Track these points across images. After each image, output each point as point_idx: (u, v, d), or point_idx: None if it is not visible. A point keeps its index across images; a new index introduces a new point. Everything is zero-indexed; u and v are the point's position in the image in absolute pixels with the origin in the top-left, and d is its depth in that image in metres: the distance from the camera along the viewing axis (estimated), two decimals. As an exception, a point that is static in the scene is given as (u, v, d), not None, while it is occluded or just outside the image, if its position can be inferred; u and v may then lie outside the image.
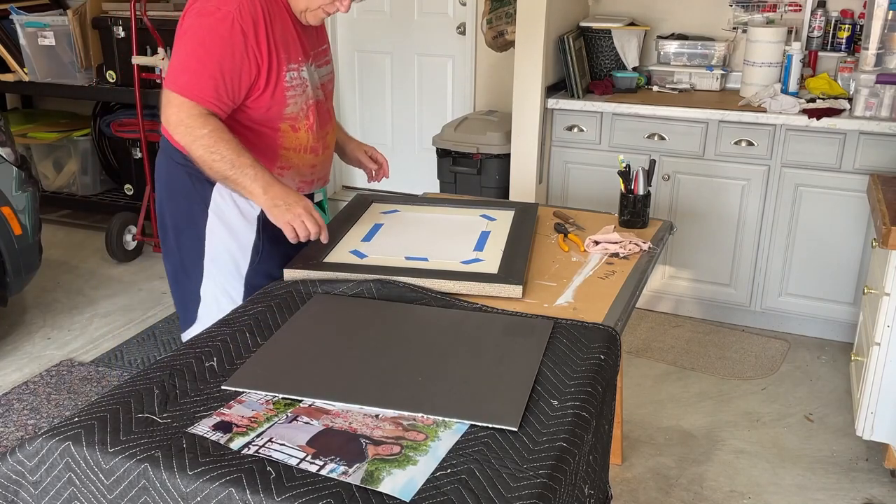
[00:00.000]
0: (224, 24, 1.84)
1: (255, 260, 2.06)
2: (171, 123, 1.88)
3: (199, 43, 1.85)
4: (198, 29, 1.85)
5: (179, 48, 1.88)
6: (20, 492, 1.35)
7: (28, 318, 3.65)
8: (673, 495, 2.52)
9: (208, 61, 1.84)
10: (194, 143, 1.85)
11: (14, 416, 2.89)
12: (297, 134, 2.04)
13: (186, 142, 1.87)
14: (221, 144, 1.85)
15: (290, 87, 1.97)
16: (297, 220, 1.91)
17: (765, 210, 3.38)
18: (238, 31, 1.85)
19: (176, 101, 1.86)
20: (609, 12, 3.87)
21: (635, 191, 2.30)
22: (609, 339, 1.67)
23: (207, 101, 1.86)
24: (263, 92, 1.94)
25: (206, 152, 1.85)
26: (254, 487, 1.20)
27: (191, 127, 1.85)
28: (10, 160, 3.27)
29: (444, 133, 3.97)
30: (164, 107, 1.89)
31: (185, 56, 1.87)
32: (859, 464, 2.68)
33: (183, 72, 1.86)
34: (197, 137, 1.84)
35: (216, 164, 1.86)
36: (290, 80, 1.96)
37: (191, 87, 1.85)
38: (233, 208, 2.02)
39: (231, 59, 1.86)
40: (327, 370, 1.55)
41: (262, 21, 1.88)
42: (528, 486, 1.23)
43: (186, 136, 1.86)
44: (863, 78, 3.18)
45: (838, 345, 3.40)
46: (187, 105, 1.85)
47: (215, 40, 1.84)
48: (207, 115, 1.86)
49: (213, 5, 1.85)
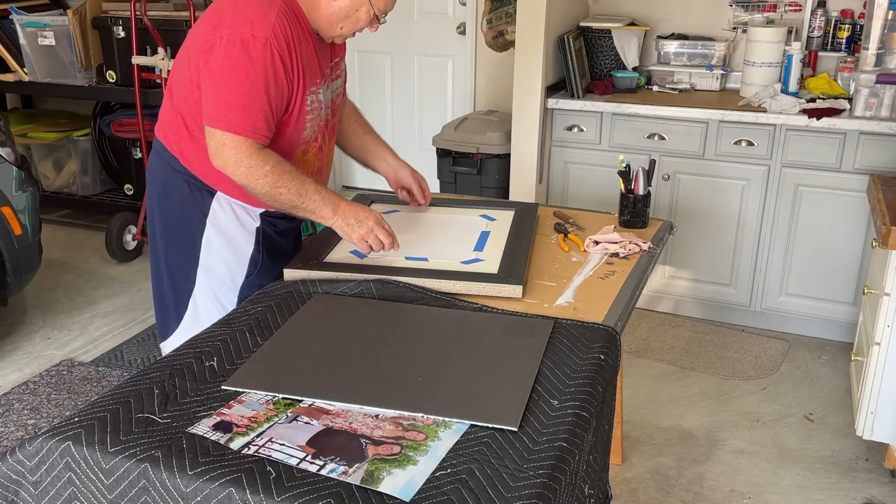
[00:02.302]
0: (266, 52, 1.77)
1: (252, 272, 2.04)
2: (229, 165, 1.80)
3: (243, 76, 1.77)
4: (238, 61, 1.76)
5: (221, 82, 1.78)
6: (20, 492, 1.35)
7: (28, 318, 3.65)
8: (673, 495, 2.52)
9: (255, 94, 1.78)
10: (258, 182, 1.81)
11: (14, 416, 2.89)
12: (307, 157, 2.01)
13: (249, 181, 1.81)
14: (285, 177, 1.82)
15: (310, 111, 1.93)
16: (370, 235, 1.91)
17: (765, 210, 3.38)
18: (277, 57, 1.78)
19: (231, 141, 1.79)
20: (609, 12, 3.87)
21: (635, 191, 2.30)
22: (609, 339, 1.67)
23: (261, 135, 1.81)
24: (289, 116, 1.89)
25: (271, 188, 1.82)
26: (254, 487, 1.20)
27: (252, 167, 1.79)
28: (10, 160, 3.27)
29: (444, 133, 3.97)
30: (215, 150, 1.81)
31: (231, 91, 1.78)
32: (859, 464, 2.68)
33: (231, 108, 1.78)
34: (261, 176, 1.80)
35: (282, 196, 1.83)
36: (310, 103, 1.92)
37: (244, 125, 1.78)
38: (232, 219, 1.99)
39: (275, 85, 1.80)
40: (327, 370, 1.55)
41: (292, 42, 1.82)
42: (528, 486, 1.23)
43: (249, 177, 1.81)
44: (863, 78, 3.18)
45: (838, 345, 3.40)
46: (245, 144, 1.79)
47: (258, 70, 1.77)
48: (262, 149, 1.81)
49: (249, 32, 1.77)
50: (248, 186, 1.83)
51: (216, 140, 1.80)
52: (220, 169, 1.84)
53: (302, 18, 1.87)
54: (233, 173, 1.82)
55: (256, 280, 2.03)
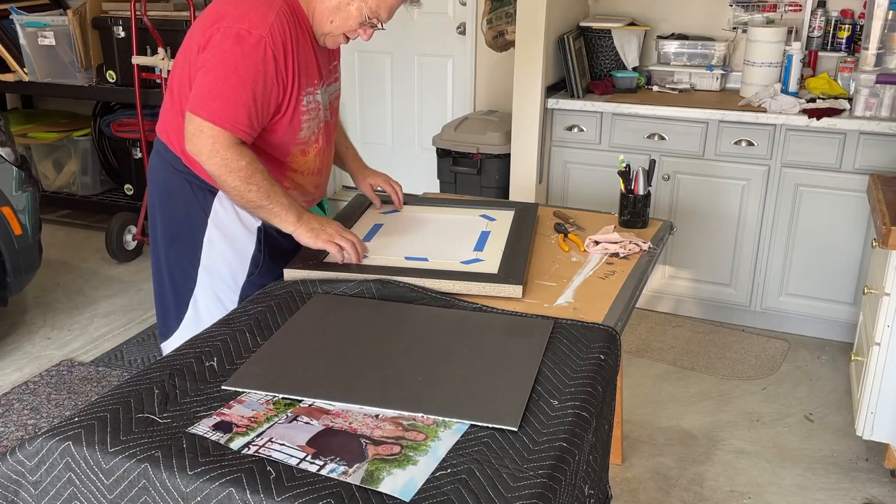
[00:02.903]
0: (258, 50, 1.77)
1: (253, 272, 2.04)
2: (203, 153, 1.80)
3: (232, 69, 1.77)
4: (229, 53, 1.77)
5: (209, 71, 1.79)
6: (20, 492, 1.35)
7: (28, 318, 3.65)
8: (673, 495, 2.52)
9: (241, 88, 1.77)
10: (230, 175, 1.81)
11: (14, 416, 2.89)
12: (307, 158, 2.02)
13: (221, 172, 1.81)
14: (257, 175, 1.82)
15: (306, 112, 1.93)
16: (336, 237, 1.92)
17: (765, 210, 3.38)
18: (270, 56, 1.78)
19: (209, 130, 1.78)
20: (609, 12, 3.87)
21: (635, 191, 2.30)
22: (609, 339, 1.67)
23: (241, 130, 1.80)
24: (283, 117, 1.89)
25: (241, 183, 1.82)
26: (254, 487, 1.20)
27: (227, 159, 1.79)
28: (10, 160, 3.27)
29: (444, 133, 3.97)
30: (192, 135, 1.81)
31: (217, 81, 1.78)
32: (859, 464, 2.68)
33: (215, 98, 1.78)
34: (233, 170, 1.80)
35: (250, 194, 1.83)
36: (306, 104, 1.92)
37: (224, 116, 1.78)
38: (234, 219, 2.00)
39: (263, 84, 1.80)
40: (327, 370, 1.55)
41: (289, 43, 1.82)
42: (528, 486, 1.23)
43: (222, 168, 1.81)
44: (863, 78, 3.18)
45: (838, 345, 3.40)
46: (223, 136, 1.78)
47: (248, 66, 1.77)
48: (240, 144, 1.81)
49: (245, 28, 1.77)
50: (219, 178, 1.84)
51: (194, 126, 1.80)
52: (194, 156, 1.83)
53: (302, 18, 1.88)
54: (206, 162, 1.82)
55: (258, 279, 2.03)
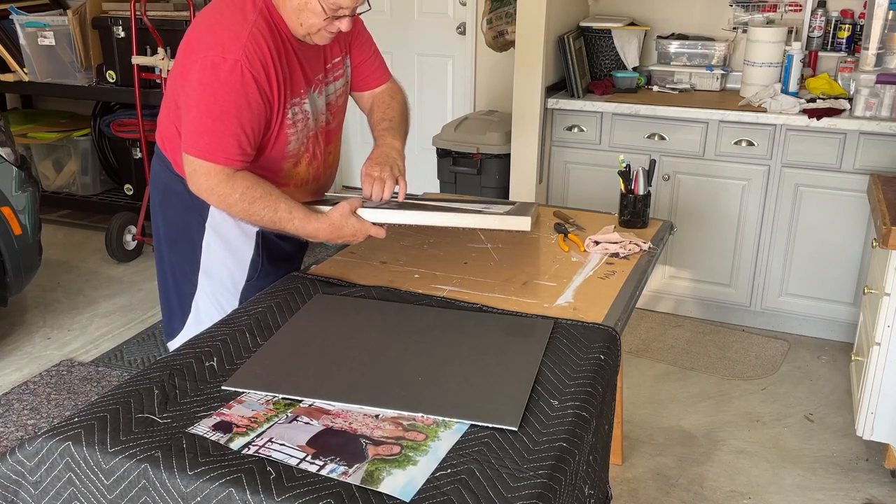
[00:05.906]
0: (234, 75, 1.72)
1: (253, 276, 2.03)
2: (202, 192, 1.80)
3: (212, 101, 1.73)
4: (208, 86, 1.73)
5: (192, 107, 1.76)
6: (20, 492, 1.35)
7: (28, 318, 3.65)
8: (673, 495, 2.52)
9: (225, 119, 1.73)
10: (231, 209, 1.81)
11: (14, 416, 2.89)
12: (297, 169, 1.97)
13: (223, 207, 1.81)
14: (256, 204, 1.79)
15: (292, 125, 1.88)
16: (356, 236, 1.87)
17: (765, 210, 3.38)
18: (249, 78, 1.73)
19: (202, 168, 1.76)
20: (609, 12, 3.87)
21: (635, 191, 2.30)
22: (609, 339, 1.67)
23: (234, 160, 1.77)
24: (270, 133, 1.86)
25: (244, 214, 1.81)
26: (254, 487, 1.20)
27: (222, 195, 1.78)
28: (10, 160, 3.27)
29: (444, 133, 3.97)
30: (191, 175, 1.79)
31: (201, 116, 1.75)
32: (859, 464, 2.68)
33: (202, 134, 1.75)
34: (231, 204, 1.79)
35: (258, 222, 1.84)
36: (292, 116, 1.87)
37: (215, 151, 1.75)
38: (231, 223, 1.98)
39: (248, 109, 1.75)
40: (327, 370, 1.55)
41: (269, 60, 1.76)
42: (528, 486, 1.23)
43: (222, 204, 1.80)
44: (863, 78, 3.18)
45: (838, 345, 3.40)
46: (214, 171, 1.76)
47: (228, 94, 1.72)
48: (233, 175, 1.78)
49: (219, 55, 1.72)
50: (226, 211, 1.84)
51: (190, 166, 1.79)
52: (197, 195, 1.83)
53: (281, 26, 1.82)
54: (207, 199, 1.82)
55: (257, 283, 2.02)
